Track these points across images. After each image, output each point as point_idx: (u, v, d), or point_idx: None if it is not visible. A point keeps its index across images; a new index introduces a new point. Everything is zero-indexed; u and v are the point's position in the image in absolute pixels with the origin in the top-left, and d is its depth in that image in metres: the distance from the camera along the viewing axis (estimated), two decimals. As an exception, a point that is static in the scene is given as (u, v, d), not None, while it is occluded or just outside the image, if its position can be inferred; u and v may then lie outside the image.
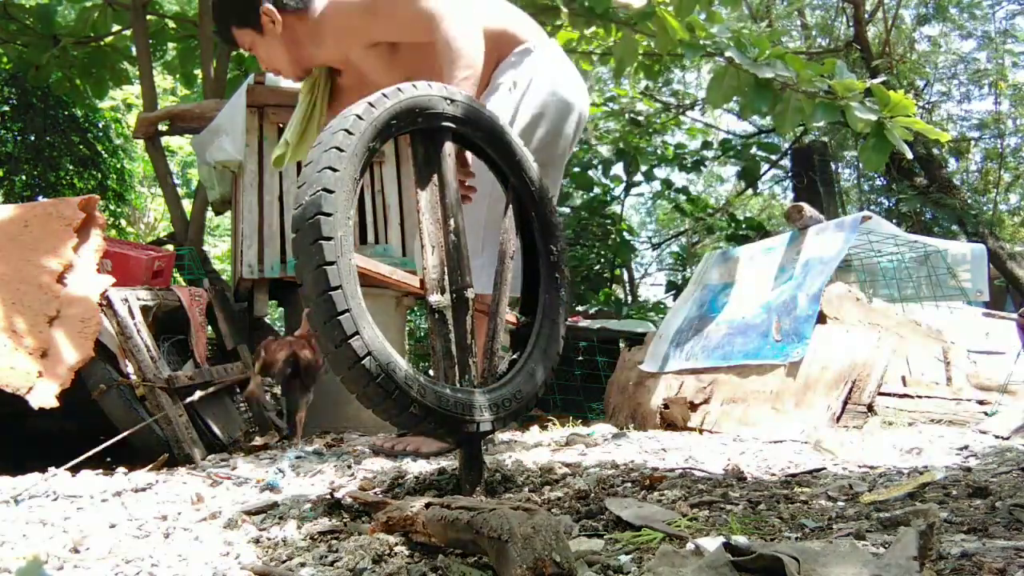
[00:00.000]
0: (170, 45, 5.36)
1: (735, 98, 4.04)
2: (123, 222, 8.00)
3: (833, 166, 9.82)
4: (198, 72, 4.87)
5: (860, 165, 10.80)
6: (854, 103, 3.72)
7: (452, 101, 1.76)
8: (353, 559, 1.17)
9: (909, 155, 3.86)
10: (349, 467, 2.18)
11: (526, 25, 2.47)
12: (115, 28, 4.89)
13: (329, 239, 1.48)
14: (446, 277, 1.71)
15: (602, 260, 7.48)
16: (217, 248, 10.30)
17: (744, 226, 7.74)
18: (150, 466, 2.33)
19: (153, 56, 4.83)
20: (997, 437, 2.39)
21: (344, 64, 2.50)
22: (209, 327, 3.35)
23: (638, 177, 7.28)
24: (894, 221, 7.52)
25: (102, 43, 4.95)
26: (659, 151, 7.28)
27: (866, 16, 8.71)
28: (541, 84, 2.38)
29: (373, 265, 1.67)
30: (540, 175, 1.94)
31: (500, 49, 2.36)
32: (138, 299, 2.80)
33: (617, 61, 4.18)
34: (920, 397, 2.88)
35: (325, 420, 3.44)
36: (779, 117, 3.91)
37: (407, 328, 5.56)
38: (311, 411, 3.52)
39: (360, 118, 1.59)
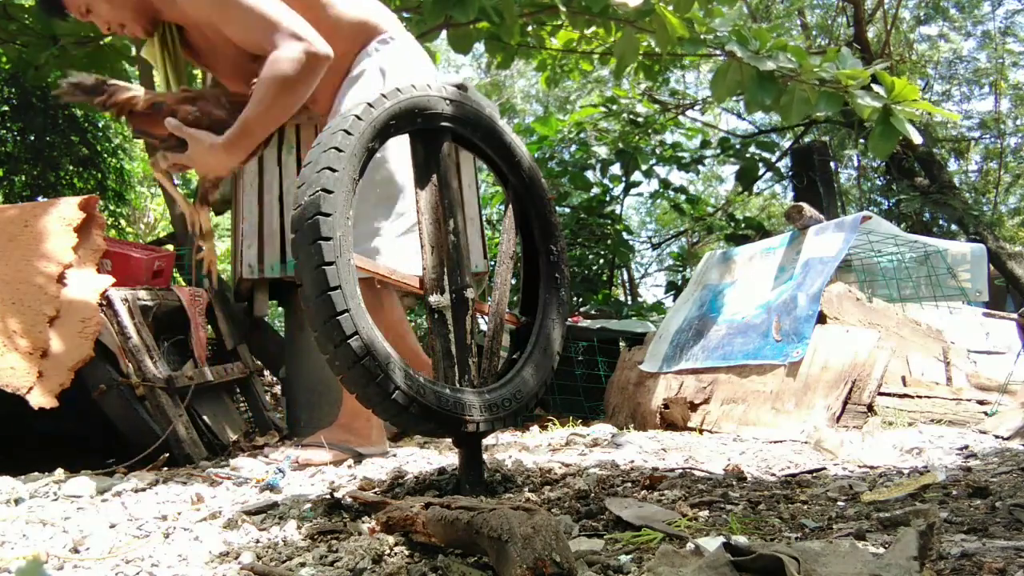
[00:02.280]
0: (170, 45, 5.35)
1: (739, 93, 4.02)
2: (123, 222, 8.01)
3: (833, 166, 9.82)
4: (198, 72, 4.86)
5: (860, 164, 10.81)
6: (858, 91, 3.68)
7: (451, 102, 1.76)
8: (353, 559, 1.17)
9: (918, 140, 3.80)
10: (349, 467, 2.18)
11: (385, 16, 2.37)
12: (115, 28, 4.88)
13: (328, 239, 1.48)
14: (446, 277, 1.71)
15: (601, 260, 7.48)
16: (217, 248, 10.30)
17: (744, 225, 7.74)
18: (150, 466, 2.33)
19: (153, 56, 4.83)
20: (997, 437, 2.39)
21: (193, 27, 2.20)
22: (209, 327, 3.35)
23: (637, 177, 7.28)
24: (894, 221, 7.52)
25: (102, 43, 4.94)
26: (658, 151, 7.28)
27: (866, 16, 8.71)
28: (401, 72, 2.26)
29: (373, 265, 1.68)
30: (540, 175, 1.94)
31: (361, 38, 2.26)
32: (138, 299, 2.80)
33: (618, 59, 4.17)
34: (920, 397, 2.88)
35: (325, 420, 3.44)
36: (785, 109, 3.88)
37: (407, 328, 5.55)
38: (311, 411, 3.52)
39: (359, 119, 1.59)
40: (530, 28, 5.00)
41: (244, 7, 1.95)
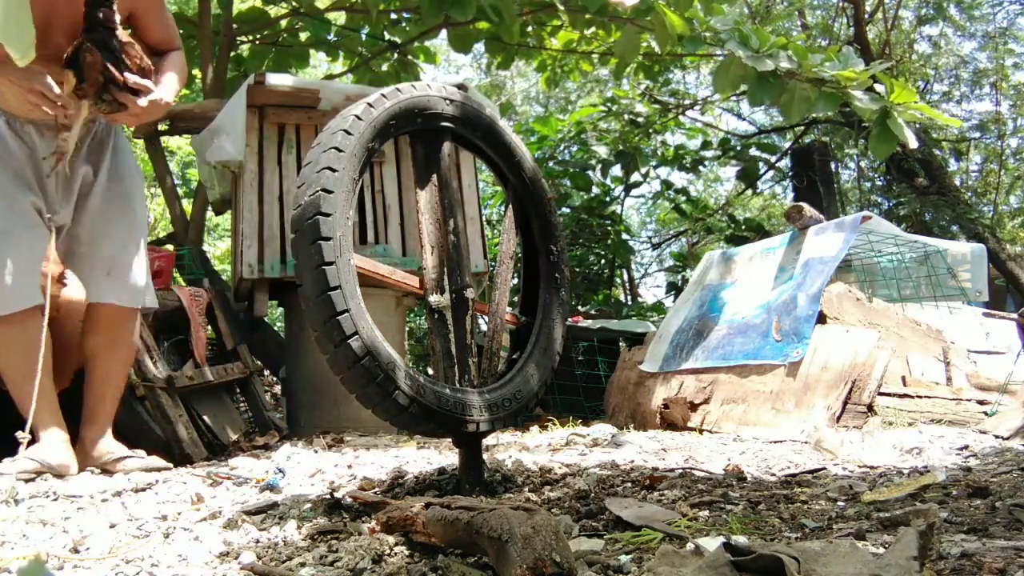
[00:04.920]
0: (170, 45, 5.34)
1: (742, 87, 4.01)
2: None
3: (833, 166, 9.81)
4: (197, 72, 4.86)
5: (860, 165, 10.80)
6: (858, 92, 3.69)
7: (451, 102, 1.76)
8: (353, 559, 1.17)
9: (914, 144, 3.81)
10: (349, 467, 2.18)
11: None
12: (115, 28, 4.87)
13: (328, 239, 1.48)
14: (446, 277, 1.71)
15: (601, 261, 7.48)
16: (217, 248, 10.30)
17: (744, 227, 7.75)
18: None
19: (153, 56, 4.83)
20: (997, 437, 2.39)
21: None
22: (209, 327, 3.35)
23: (637, 178, 7.28)
24: (894, 221, 7.52)
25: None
26: (659, 152, 7.28)
27: (866, 16, 8.70)
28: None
29: (373, 265, 1.68)
30: (540, 175, 1.94)
31: None
32: (138, 299, 2.80)
33: (618, 58, 4.16)
34: (920, 397, 2.88)
35: (325, 420, 3.44)
36: (785, 107, 3.88)
37: (407, 328, 5.56)
38: (311, 411, 3.52)
39: (359, 119, 1.59)
40: (530, 28, 5.00)
41: (168, 13, 2.39)
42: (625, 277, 9.50)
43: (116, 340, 2.34)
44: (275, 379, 4.80)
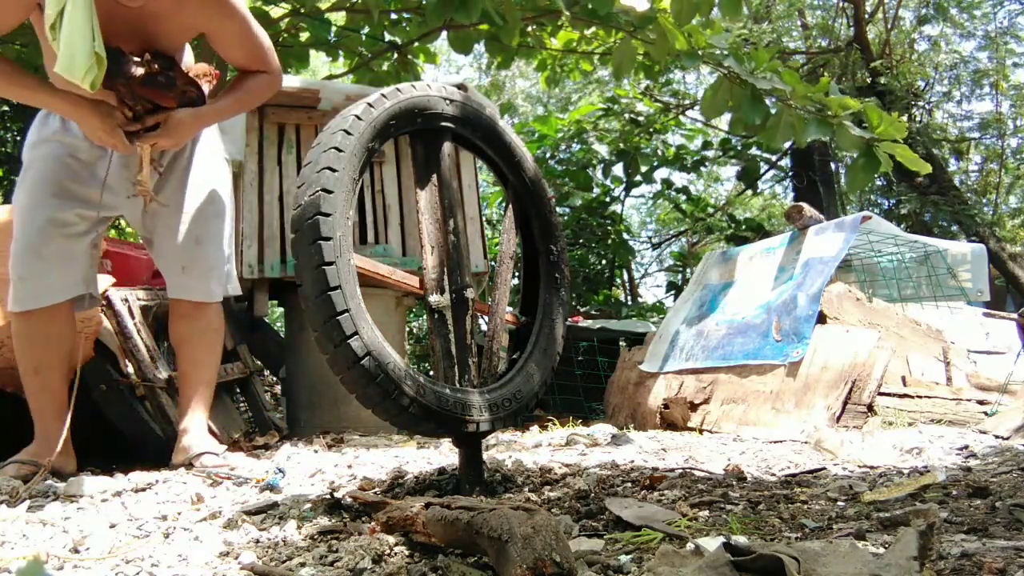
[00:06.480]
0: (170, 45, 5.34)
1: (730, 108, 4.04)
2: (123, 222, 7.99)
3: (833, 166, 9.81)
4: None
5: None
6: (847, 121, 3.75)
7: (451, 102, 1.76)
8: (353, 559, 1.17)
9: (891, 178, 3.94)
10: (349, 467, 2.18)
11: None
12: (115, 28, 4.87)
13: (328, 239, 1.48)
14: (446, 277, 1.71)
15: (602, 261, 7.48)
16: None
17: (744, 227, 7.76)
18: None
19: (153, 56, 4.84)
20: (997, 437, 2.39)
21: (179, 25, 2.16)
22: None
23: (638, 177, 7.28)
24: (894, 221, 7.52)
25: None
26: (659, 151, 7.29)
27: (866, 16, 8.70)
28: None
29: (373, 265, 1.68)
30: (540, 175, 1.94)
31: None
32: (138, 299, 2.80)
33: (615, 66, 4.18)
34: (920, 397, 2.88)
35: (325, 420, 3.44)
36: (769, 131, 3.92)
37: (407, 328, 5.56)
38: (311, 410, 3.52)
39: (359, 119, 1.59)
40: (530, 29, 5.00)
41: (259, 33, 2.25)
42: (625, 277, 9.50)
43: (196, 329, 2.37)
44: (275, 379, 4.80)
